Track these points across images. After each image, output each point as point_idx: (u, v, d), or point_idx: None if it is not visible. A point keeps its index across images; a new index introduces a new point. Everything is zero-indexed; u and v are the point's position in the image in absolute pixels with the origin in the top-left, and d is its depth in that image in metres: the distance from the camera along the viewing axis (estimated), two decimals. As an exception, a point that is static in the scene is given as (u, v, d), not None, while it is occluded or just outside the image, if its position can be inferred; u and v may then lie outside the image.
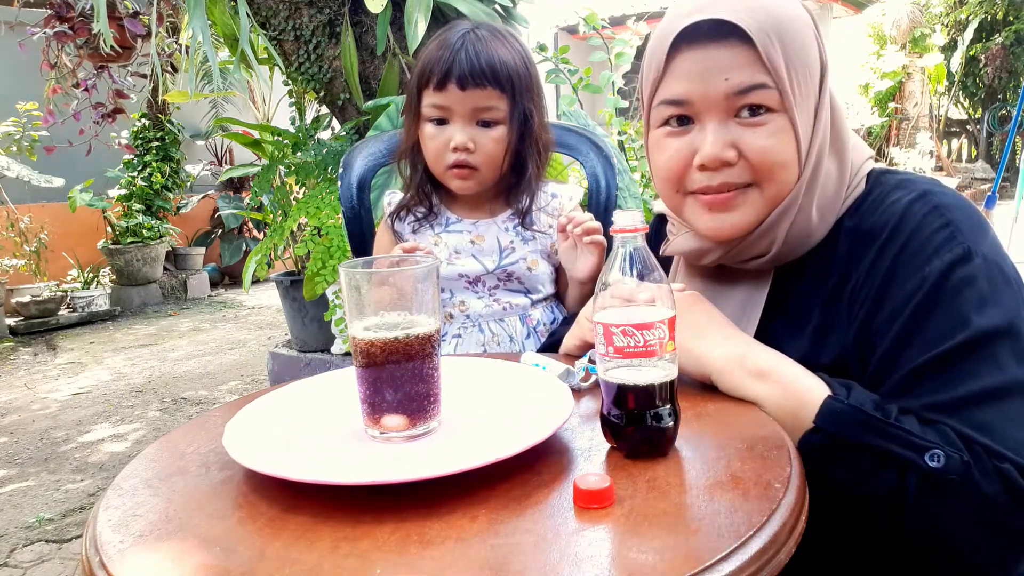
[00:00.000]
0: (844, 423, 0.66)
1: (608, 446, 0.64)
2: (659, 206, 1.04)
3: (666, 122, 0.81)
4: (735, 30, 0.74)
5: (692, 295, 0.82)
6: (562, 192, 1.28)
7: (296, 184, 3.04)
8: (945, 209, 0.74)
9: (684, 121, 0.80)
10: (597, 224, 1.12)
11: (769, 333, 0.83)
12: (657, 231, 1.08)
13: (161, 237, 6.33)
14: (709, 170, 0.78)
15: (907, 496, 0.63)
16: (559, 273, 1.29)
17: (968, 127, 11.28)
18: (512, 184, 1.25)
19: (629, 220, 0.64)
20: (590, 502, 0.53)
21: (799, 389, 0.70)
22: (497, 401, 0.74)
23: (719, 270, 0.89)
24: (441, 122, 1.17)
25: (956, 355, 0.68)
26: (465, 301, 1.25)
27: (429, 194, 1.26)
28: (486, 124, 1.17)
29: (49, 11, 3.19)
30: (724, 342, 0.76)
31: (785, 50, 0.75)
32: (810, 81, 0.79)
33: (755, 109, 0.76)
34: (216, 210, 6.91)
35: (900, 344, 0.71)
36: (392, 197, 1.31)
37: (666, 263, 1.00)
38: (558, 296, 1.32)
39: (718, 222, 0.81)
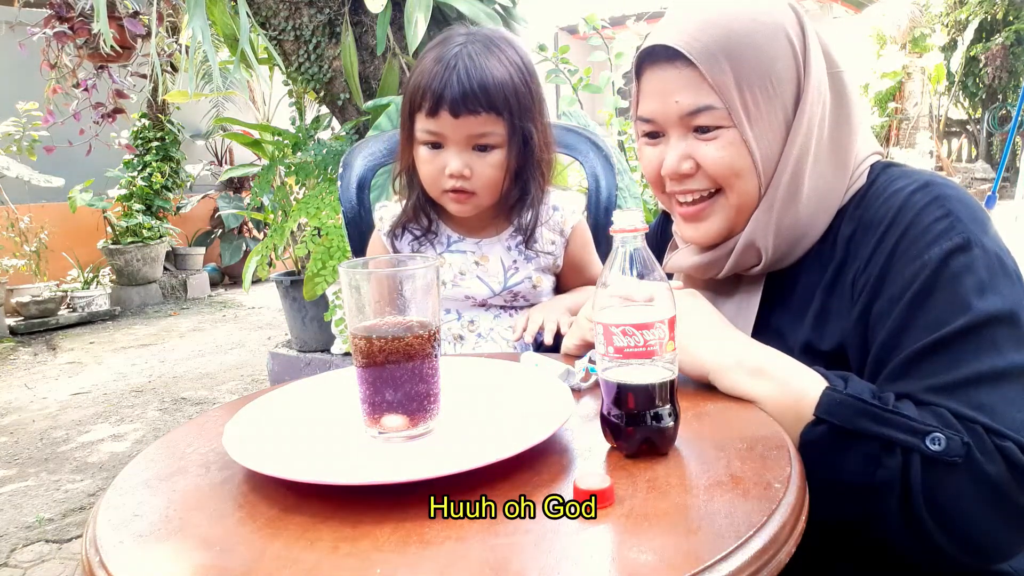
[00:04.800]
0: (844, 412, 0.67)
1: (608, 446, 0.64)
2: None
3: (645, 134, 0.87)
4: (682, 52, 0.78)
5: (690, 293, 0.83)
6: (563, 205, 1.24)
7: (296, 184, 3.04)
8: (946, 200, 0.75)
9: (655, 135, 0.86)
10: (541, 319, 1.14)
11: (772, 327, 0.85)
12: (663, 228, 1.09)
13: (161, 237, 6.32)
14: (673, 180, 0.85)
15: (912, 481, 0.64)
16: (558, 282, 1.29)
17: (968, 127, 11.27)
18: (514, 202, 1.20)
19: (629, 220, 0.64)
20: (590, 502, 0.53)
21: (797, 384, 0.71)
22: (497, 401, 0.74)
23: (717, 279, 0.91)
24: (436, 146, 1.11)
25: (956, 338, 0.68)
26: (474, 320, 1.23)
27: (427, 212, 1.22)
28: (483, 149, 1.11)
29: (49, 11, 3.19)
30: (721, 342, 0.76)
31: (737, 67, 0.78)
32: (774, 92, 0.80)
33: (705, 127, 0.81)
34: (216, 210, 6.90)
35: (900, 329, 0.72)
36: (383, 212, 1.27)
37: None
38: None
39: (694, 231, 0.87)
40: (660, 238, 1.07)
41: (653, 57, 0.82)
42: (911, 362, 0.70)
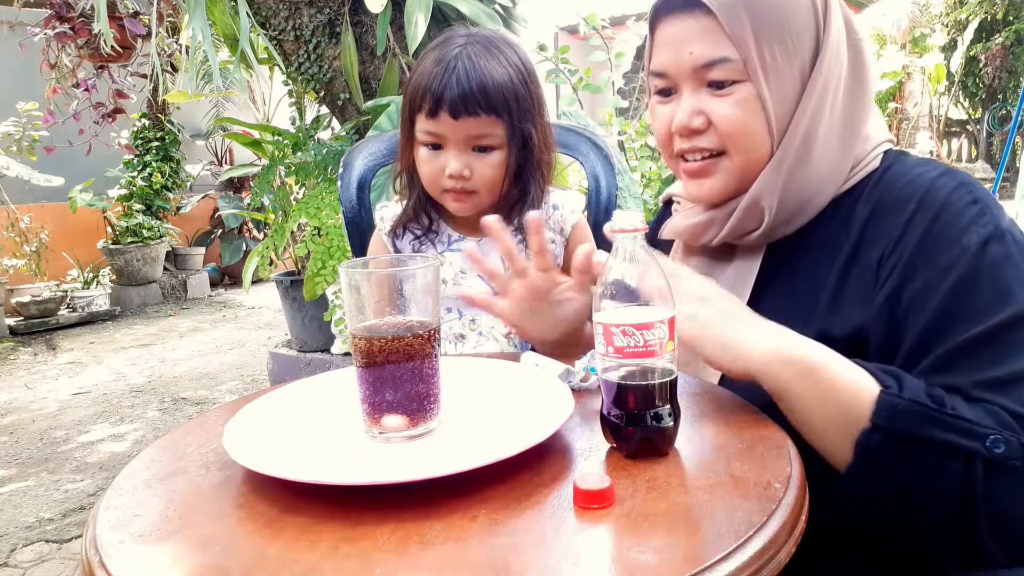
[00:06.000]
0: (905, 419, 0.63)
1: (608, 446, 0.64)
2: (667, 190, 1.05)
3: (657, 91, 0.85)
4: (701, 1, 0.76)
5: (709, 280, 0.77)
6: (563, 204, 1.24)
7: (296, 184, 3.04)
8: (971, 186, 0.74)
9: (667, 92, 0.84)
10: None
11: (776, 307, 0.81)
12: (663, 216, 1.08)
13: (161, 237, 6.32)
14: (683, 136, 0.82)
15: (976, 485, 0.62)
16: None
17: (968, 127, 11.27)
18: (514, 202, 1.20)
19: (629, 220, 0.64)
20: (590, 502, 0.53)
21: (847, 384, 0.66)
22: (497, 401, 0.74)
23: (715, 248, 0.89)
24: (436, 147, 1.12)
25: (1004, 331, 0.67)
26: (475, 319, 1.23)
27: (428, 212, 1.23)
28: (482, 149, 1.11)
29: (49, 11, 3.20)
30: (759, 331, 0.70)
31: (755, 18, 0.76)
32: (792, 48, 0.77)
33: (720, 81, 0.78)
34: (216, 210, 6.90)
35: (943, 318, 0.69)
36: (384, 211, 1.27)
37: (665, 246, 0.99)
38: None
39: (697, 187, 0.85)
40: (659, 225, 1.07)
41: (669, 7, 0.80)
42: (957, 355, 0.68)
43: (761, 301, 0.83)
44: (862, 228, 0.78)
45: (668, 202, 1.05)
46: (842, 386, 0.66)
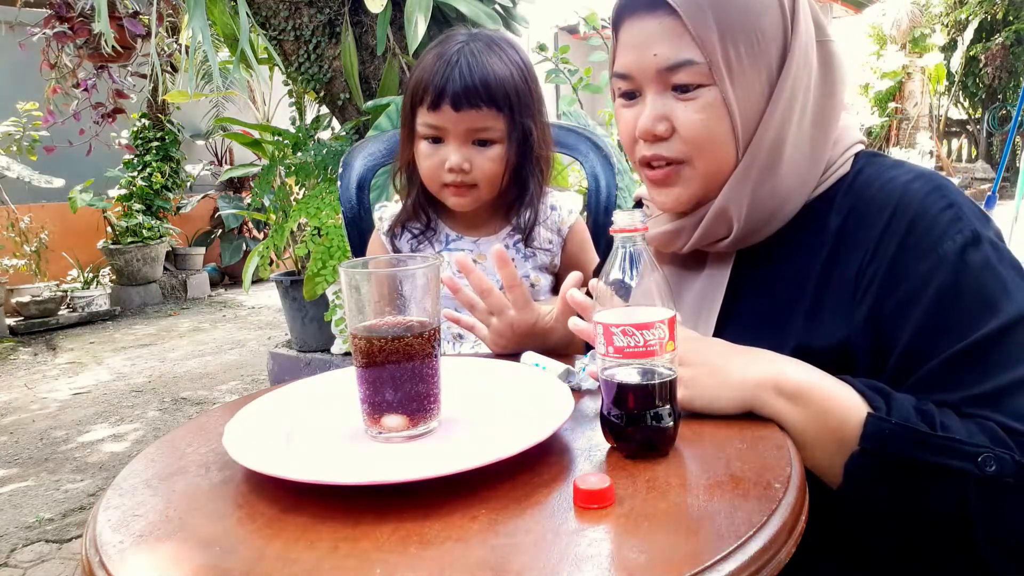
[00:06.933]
0: (893, 442, 0.62)
1: (608, 446, 0.64)
2: (637, 191, 1.04)
3: (622, 94, 0.82)
4: (666, 1, 0.74)
5: (687, 334, 0.75)
6: (561, 204, 1.25)
7: (296, 184, 3.04)
8: (946, 190, 0.72)
9: (632, 95, 0.81)
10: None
11: (750, 317, 0.81)
12: None
13: (161, 237, 6.32)
14: (647, 142, 0.79)
15: (970, 505, 0.61)
16: (557, 282, 1.29)
17: (968, 127, 11.28)
18: (512, 201, 1.21)
19: (629, 220, 0.64)
20: (590, 502, 0.53)
21: (836, 407, 0.66)
22: (497, 401, 0.74)
23: (685, 256, 0.87)
24: (436, 140, 1.13)
25: (990, 343, 0.66)
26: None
27: (427, 210, 1.23)
28: (483, 143, 1.13)
29: (49, 11, 3.20)
30: (745, 366, 0.69)
31: (721, 19, 0.73)
32: (759, 51, 0.75)
33: (685, 85, 0.76)
34: (216, 210, 6.91)
35: (927, 332, 0.68)
36: (383, 212, 1.28)
37: None
38: None
39: (663, 196, 0.82)
40: None
41: (633, 7, 0.77)
42: (945, 370, 0.67)
43: (734, 309, 0.81)
44: (836, 237, 0.76)
45: (639, 203, 1.03)
46: (831, 409, 0.66)
